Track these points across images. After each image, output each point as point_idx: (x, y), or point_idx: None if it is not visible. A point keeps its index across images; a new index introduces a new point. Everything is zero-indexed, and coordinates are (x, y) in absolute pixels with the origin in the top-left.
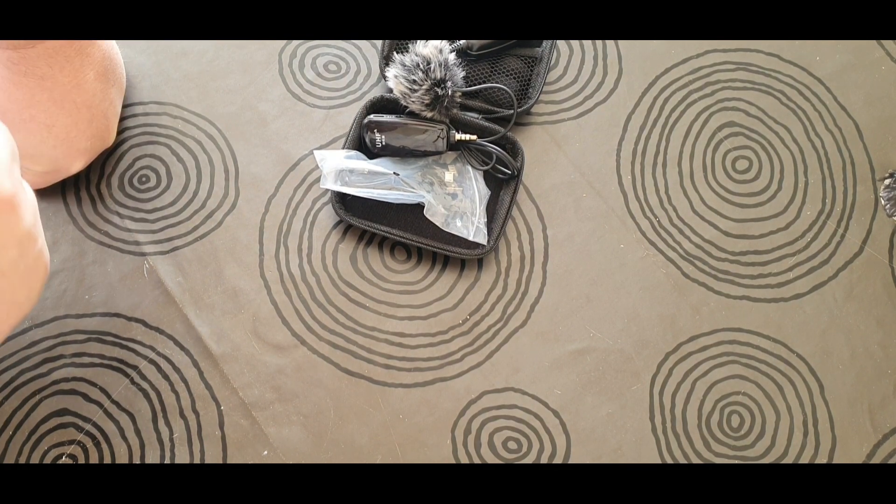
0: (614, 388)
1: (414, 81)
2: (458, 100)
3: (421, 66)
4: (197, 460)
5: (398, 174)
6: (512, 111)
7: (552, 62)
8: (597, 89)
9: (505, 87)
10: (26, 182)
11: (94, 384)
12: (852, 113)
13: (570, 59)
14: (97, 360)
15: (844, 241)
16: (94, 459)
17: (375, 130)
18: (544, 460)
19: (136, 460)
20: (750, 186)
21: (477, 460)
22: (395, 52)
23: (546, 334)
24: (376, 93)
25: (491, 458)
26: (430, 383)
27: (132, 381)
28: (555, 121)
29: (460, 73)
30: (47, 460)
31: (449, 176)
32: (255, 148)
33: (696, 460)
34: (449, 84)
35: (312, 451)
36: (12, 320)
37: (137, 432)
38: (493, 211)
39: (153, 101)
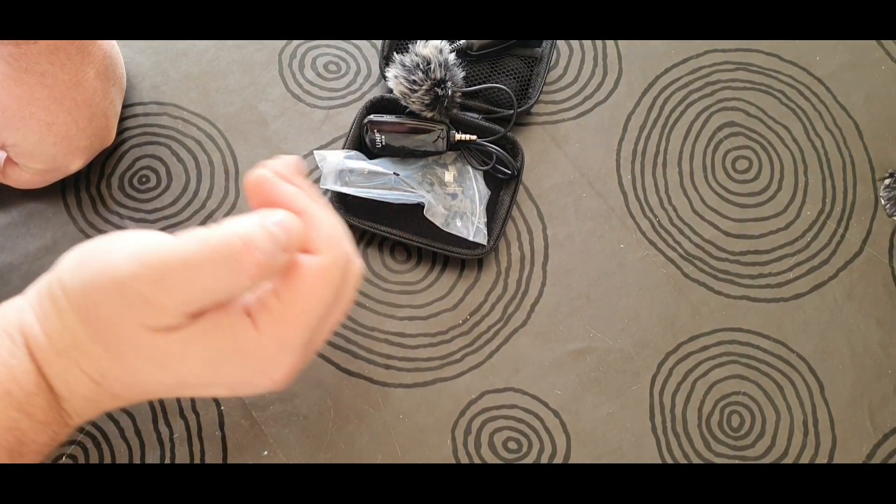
0: (614, 388)
1: (414, 82)
2: (458, 100)
3: (421, 66)
4: (197, 460)
5: (398, 174)
6: (512, 111)
7: (552, 62)
8: (597, 89)
9: (505, 87)
10: (25, 180)
11: None
12: (852, 113)
13: (570, 59)
14: None
15: (844, 240)
16: (94, 459)
17: (375, 130)
18: (544, 460)
19: (136, 460)
20: (750, 186)
21: (477, 460)
22: (395, 53)
23: (546, 334)
24: (376, 93)
25: (491, 458)
26: (430, 383)
27: None
28: (555, 121)
29: (460, 74)
30: (47, 460)
31: (449, 176)
32: (255, 148)
33: (696, 460)
34: (449, 84)
35: (312, 451)
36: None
37: (137, 432)
38: (493, 211)
39: (153, 102)
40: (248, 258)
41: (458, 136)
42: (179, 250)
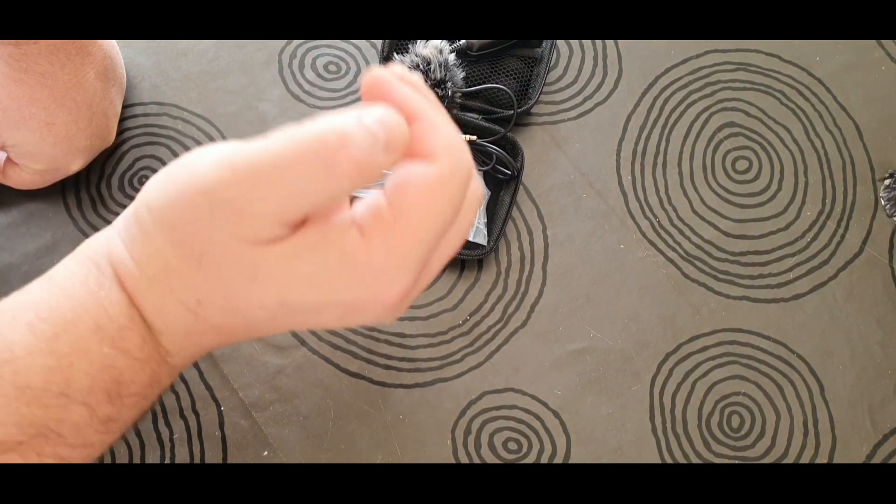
0: (614, 389)
1: None
2: (458, 100)
3: (421, 66)
4: (197, 460)
5: None
6: (512, 111)
7: (552, 62)
8: (597, 89)
9: (505, 88)
10: (25, 180)
11: None
12: (852, 113)
13: (570, 59)
14: None
15: (844, 241)
16: None
17: None
18: (544, 460)
19: (136, 460)
20: (750, 187)
21: (477, 460)
22: (395, 53)
23: (546, 334)
24: None
25: (491, 459)
26: (430, 384)
27: None
28: (555, 121)
29: (460, 74)
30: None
31: None
32: None
33: (696, 460)
34: (449, 84)
35: (312, 452)
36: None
37: (137, 432)
38: (493, 211)
39: (153, 102)
40: (344, 155)
41: None
42: (269, 149)
